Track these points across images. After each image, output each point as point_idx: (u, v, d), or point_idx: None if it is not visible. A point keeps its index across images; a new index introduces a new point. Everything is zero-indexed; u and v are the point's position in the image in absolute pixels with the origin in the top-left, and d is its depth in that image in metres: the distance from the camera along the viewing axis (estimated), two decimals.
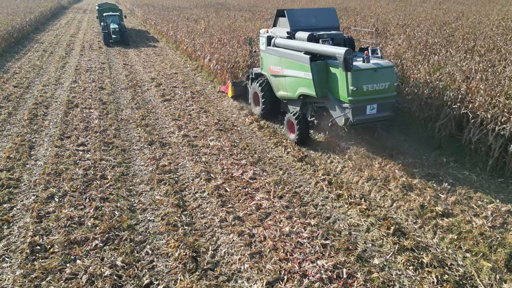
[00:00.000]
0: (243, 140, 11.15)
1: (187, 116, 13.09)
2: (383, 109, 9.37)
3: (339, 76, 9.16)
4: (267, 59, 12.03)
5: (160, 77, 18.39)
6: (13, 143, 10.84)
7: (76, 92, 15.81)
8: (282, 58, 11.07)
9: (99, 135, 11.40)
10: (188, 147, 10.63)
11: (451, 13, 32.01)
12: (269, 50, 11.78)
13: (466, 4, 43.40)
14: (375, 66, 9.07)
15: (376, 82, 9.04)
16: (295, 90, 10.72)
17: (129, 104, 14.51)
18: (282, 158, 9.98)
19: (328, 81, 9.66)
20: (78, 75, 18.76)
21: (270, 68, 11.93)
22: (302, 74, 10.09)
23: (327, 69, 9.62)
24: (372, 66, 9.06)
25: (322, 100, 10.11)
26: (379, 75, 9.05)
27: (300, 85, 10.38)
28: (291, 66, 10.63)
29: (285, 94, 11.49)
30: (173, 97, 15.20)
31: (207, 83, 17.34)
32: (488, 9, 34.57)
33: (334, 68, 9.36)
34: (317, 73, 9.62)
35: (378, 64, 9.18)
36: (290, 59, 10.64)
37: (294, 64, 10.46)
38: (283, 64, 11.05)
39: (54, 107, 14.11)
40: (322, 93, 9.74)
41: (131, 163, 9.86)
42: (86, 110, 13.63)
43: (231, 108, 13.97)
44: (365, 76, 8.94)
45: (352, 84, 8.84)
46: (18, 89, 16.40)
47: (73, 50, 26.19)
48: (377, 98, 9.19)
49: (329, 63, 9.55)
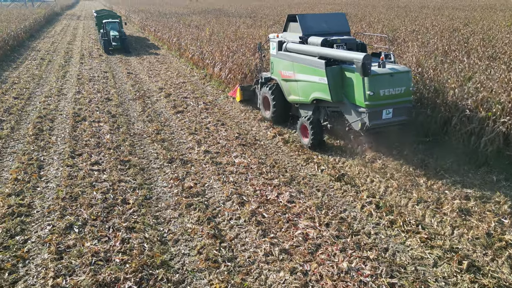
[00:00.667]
0: (270, 156, 10.34)
1: (204, 129, 12.26)
2: (399, 113, 9.31)
3: (355, 81, 9.12)
4: (278, 64, 11.94)
5: (168, 86, 17.55)
6: (20, 162, 9.92)
7: (82, 104, 14.90)
8: (294, 62, 10.99)
9: (113, 152, 10.52)
10: (212, 165, 9.80)
11: (456, 20, 31.66)
12: (281, 55, 11.68)
13: (467, 10, 43.25)
14: (391, 71, 9.03)
15: (393, 87, 8.99)
16: (308, 94, 10.65)
17: (140, 116, 13.65)
18: (316, 177, 9.19)
19: (344, 86, 9.60)
20: (81, 85, 17.85)
21: (281, 73, 11.86)
22: (316, 79, 10.04)
23: (342, 74, 9.57)
24: (389, 71, 9.01)
25: (337, 105, 9.98)
26: (395, 80, 9.02)
27: (314, 90, 10.32)
28: (305, 71, 10.56)
29: (297, 98, 11.39)
30: (186, 109, 14.37)
31: (219, 93, 16.54)
32: (492, 16, 34.32)
33: (349, 73, 9.32)
34: (333, 78, 9.56)
35: (394, 69, 9.15)
36: (303, 64, 10.58)
37: (307, 68, 10.39)
38: (296, 69, 10.98)
39: (60, 121, 13.20)
40: (338, 97, 9.66)
41: (153, 184, 9.00)
42: (95, 124, 12.73)
43: (250, 120, 13.18)
44: (382, 81, 8.89)
45: (369, 89, 8.78)
46: (19, 100, 15.45)
47: (72, 58, 25.25)
48: (393, 102, 9.12)
49: (344, 68, 9.50)
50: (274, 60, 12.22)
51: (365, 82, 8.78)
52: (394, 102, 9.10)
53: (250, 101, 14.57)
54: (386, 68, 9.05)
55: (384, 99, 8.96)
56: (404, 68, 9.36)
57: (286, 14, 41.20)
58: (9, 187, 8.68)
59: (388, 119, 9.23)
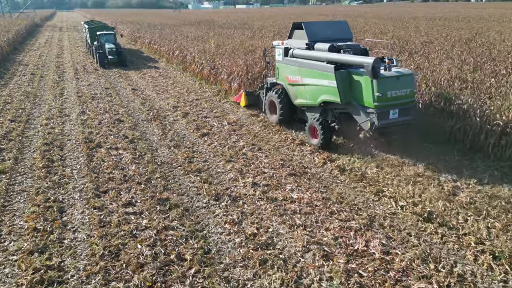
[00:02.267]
0: (330, 189, 8.91)
1: (241, 156, 10.75)
2: (404, 113, 9.93)
3: (364, 84, 9.66)
4: (284, 69, 12.38)
5: (182, 104, 15.97)
6: (35, 205, 8.18)
7: (91, 127, 13.18)
8: (302, 68, 11.46)
9: (145, 188, 8.90)
10: (267, 202, 8.30)
11: (462, 30, 31.24)
12: (287, 60, 12.14)
13: (461, 21, 43.27)
14: (397, 74, 9.65)
15: (399, 89, 9.61)
16: (317, 97, 11.09)
17: (162, 141, 12.03)
18: (398, 216, 7.79)
19: (352, 89, 10.10)
20: (83, 104, 16.09)
21: (287, 78, 12.30)
22: (325, 83, 10.49)
23: (350, 77, 10.10)
24: (395, 74, 9.63)
25: (345, 106, 10.40)
26: (401, 82, 9.64)
27: (323, 93, 10.76)
28: (313, 75, 11.04)
29: (304, 101, 11.84)
30: (211, 130, 12.83)
31: (240, 111, 15.06)
32: (494, 26, 34.17)
33: (357, 76, 9.88)
34: (341, 81, 10.07)
35: (399, 72, 9.78)
36: (311, 69, 11.05)
37: (315, 73, 10.88)
38: (303, 74, 11.47)
39: (70, 148, 11.46)
40: (347, 99, 10.15)
41: (206, 230, 7.42)
42: (113, 151, 11.06)
43: (287, 143, 11.73)
44: (389, 83, 9.49)
45: (377, 91, 9.35)
46: (17, 124, 13.59)
47: (65, 73, 23.38)
48: (399, 103, 9.73)
49: (352, 72, 10.05)
50: (280, 66, 12.65)
51: (374, 84, 9.35)
52: (400, 103, 9.74)
53: (255, 105, 14.99)
54: (392, 71, 9.68)
55: (391, 100, 9.57)
56: (408, 71, 10.08)
57: (278, 25, 40.19)
58: (29, 240, 6.98)
59: (395, 119, 9.85)
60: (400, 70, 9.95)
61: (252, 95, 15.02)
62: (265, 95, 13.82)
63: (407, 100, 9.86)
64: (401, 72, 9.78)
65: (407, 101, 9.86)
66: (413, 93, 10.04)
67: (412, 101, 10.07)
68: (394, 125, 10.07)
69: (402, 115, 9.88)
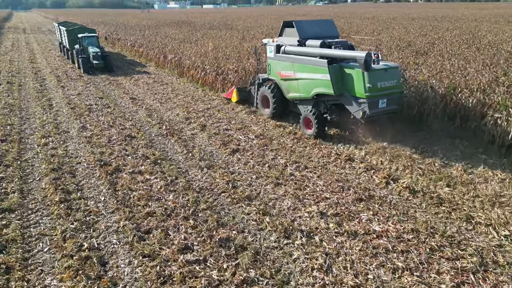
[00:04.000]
0: (412, 217, 7.72)
1: (288, 177, 9.41)
2: (391, 103, 10.86)
3: (355, 76, 10.48)
4: (276, 65, 13.02)
5: (194, 115, 14.41)
6: (66, 256, 6.54)
7: (100, 145, 11.43)
8: (294, 63, 12.13)
9: (196, 224, 7.41)
10: (349, 237, 7.03)
11: (453, 30, 31.21)
12: (279, 57, 12.79)
13: (449, 21, 43.68)
14: (385, 67, 10.60)
15: (387, 80, 10.50)
16: (310, 90, 11.77)
17: (190, 160, 10.50)
18: (507, 249, 6.72)
19: (344, 81, 10.87)
20: (80, 117, 14.21)
21: (280, 73, 12.93)
22: (319, 76, 11.21)
23: (342, 71, 10.88)
24: (383, 67, 10.58)
25: (338, 98, 11.14)
26: (388, 74, 10.56)
27: (316, 86, 11.45)
28: (306, 70, 11.72)
29: (297, 95, 12.51)
30: (239, 146, 11.40)
31: (261, 121, 13.69)
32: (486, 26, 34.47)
33: (349, 70, 10.70)
34: (334, 74, 10.83)
35: (387, 64, 10.82)
36: (304, 64, 11.74)
37: (309, 67, 11.57)
38: (296, 69, 12.11)
39: (84, 174, 9.73)
40: (339, 91, 10.91)
41: (293, 282, 6.05)
42: (138, 177, 9.44)
43: (332, 158, 10.47)
44: (379, 75, 10.36)
45: (369, 82, 10.17)
46: (9, 144, 11.62)
47: (46, 80, 21.14)
48: (387, 93, 10.62)
49: (343, 66, 10.86)
50: (272, 62, 13.26)
51: (365, 76, 10.17)
52: (388, 93, 10.63)
53: (246, 101, 15.47)
54: (380, 64, 10.60)
55: (380, 90, 10.44)
56: (395, 64, 11.25)
57: (262, 25, 38.99)
58: None
59: (384, 108, 10.72)
60: (387, 63, 11.09)
61: (243, 91, 15.44)
62: (257, 90, 14.38)
63: (394, 90, 10.78)
64: (388, 65, 10.85)
65: (394, 91, 10.79)
66: (399, 84, 11.02)
67: (399, 91, 10.98)
68: (383, 113, 10.98)
69: (389, 104, 10.81)
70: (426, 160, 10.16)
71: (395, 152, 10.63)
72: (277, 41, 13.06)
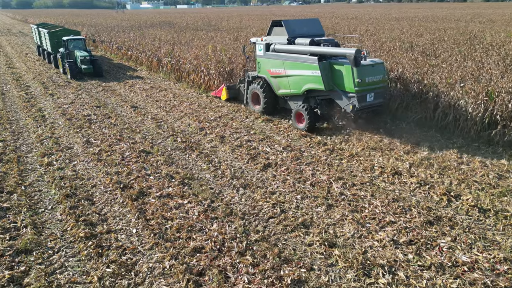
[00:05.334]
0: (494, 242, 6.91)
1: (339, 197, 8.43)
2: (378, 96, 11.51)
3: (345, 72, 11.04)
4: (266, 63, 13.39)
5: (207, 125, 13.22)
6: None
7: (113, 164, 10.14)
8: (284, 60, 12.55)
9: (256, 261, 6.33)
10: (433, 271, 6.12)
11: (448, 30, 31.11)
12: (269, 55, 13.19)
13: (430, 22, 43.86)
14: (372, 63, 11.17)
15: (374, 75, 11.11)
16: (301, 86, 12.28)
17: (219, 179, 9.36)
18: None
19: (333, 77, 11.44)
20: (81, 130, 12.81)
21: (269, 71, 13.33)
22: (309, 73, 11.73)
23: (331, 67, 11.43)
24: (370, 62, 11.14)
25: (328, 93, 11.72)
26: (375, 69, 11.16)
27: (307, 82, 11.99)
28: (296, 67, 12.20)
29: (287, 91, 12.96)
30: (269, 160, 10.34)
31: (282, 131, 12.67)
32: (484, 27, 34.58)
33: (338, 66, 11.24)
34: (324, 70, 11.36)
35: (373, 61, 11.36)
36: (294, 61, 12.22)
37: (299, 64, 12.07)
38: (286, 66, 12.56)
39: (104, 200, 8.45)
40: (329, 86, 11.48)
41: None
42: (169, 201, 8.25)
43: (377, 173, 9.55)
44: (366, 70, 10.94)
45: (357, 77, 10.75)
46: (6, 165, 10.17)
47: (30, 87, 19.43)
48: (374, 88, 11.25)
49: (332, 62, 11.41)
50: (261, 61, 13.60)
51: (354, 71, 10.76)
52: (374, 88, 11.26)
53: (235, 99, 15.89)
54: (367, 61, 11.19)
55: (368, 85, 11.04)
56: (380, 60, 11.77)
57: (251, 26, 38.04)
58: None
59: (371, 101, 11.33)
60: (373, 59, 11.62)
61: (233, 89, 15.79)
62: (246, 88, 14.73)
63: (380, 85, 11.42)
64: (375, 61, 11.42)
65: (380, 86, 11.44)
66: (385, 79, 11.65)
67: (384, 86, 11.68)
68: (371, 107, 11.51)
69: (376, 98, 11.41)
70: (478, 171, 9.41)
71: (441, 163, 9.85)
72: (266, 39, 13.43)
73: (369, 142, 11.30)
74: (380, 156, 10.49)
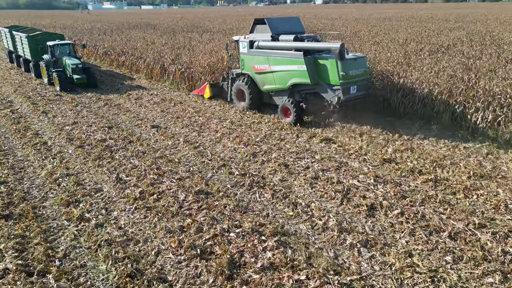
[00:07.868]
0: None
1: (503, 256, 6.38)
2: (360, 89, 12.11)
3: (329, 66, 11.58)
4: (250, 60, 13.60)
5: (258, 150, 10.84)
6: None
7: (168, 214, 7.60)
8: (269, 57, 12.85)
9: None
10: None
11: (457, 30, 30.14)
12: (252, 52, 13.43)
13: (422, 22, 43.15)
14: (354, 57, 11.86)
15: (356, 68, 11.72)
16: (286, 81, 12.61)
17: (322, 233, 7.06)
18: None
19: (318, 71, 11.88)
20: (102, 161, 10.13)
21: (254, 67, 13.54)
22: (295, 67, 12.10)
23: (316, 61, 11.90)
24: (353, 56, 11.82)
25: (313, 87, 12.11)
26: (357, 63, 11.78)
27: (292, 77, 12.36)
28: (282, 62, 12.51)
29: (273, 87, 13.23)
30: (368, 198, 8.14)
31: (353, 155, 10.50)
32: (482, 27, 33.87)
33: (323, 60, 11.76)
34: (309, 65, 11.82)
35: (355, 55, 12.13)
36: (279, 57, 12.53)
37: (284, 60, 12.40)
38: (271, 62, 12.84)
39: (183, 278, 5.95)
40: (315, 80, 11.90)
41: None
42: (274, 275, 5.88)
43: (456, 213, 7.61)
44: (350, 64, 11.52)
45: (342, 70, 11.30)
46: (21, 223, 7.41)
47: (14, 103, 16.40)
48: (357, 80, 11.84)
49: (317, 57, 11.89)
50: (245, 58, 13.78)
51: (339, 65, 11.25)
52: (357, 80, 11.82)
53: (218, 96, 15.86)
54: (350, 55, 11.86)
55: (352, 78, 11.58)
56: (362, 54, 12.58)
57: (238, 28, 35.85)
58: None
59: (354, 94, 11.88)
60: (355, 54, 12.40)
61: (216, 87, 15.82)
62: (230, 85, 14.85)
63: (362, 78, 12.04)
64: (357, 55, 12.14)
65: (362, 78, 12.05)
66: (367, 72, 12.27)
67: (366, 79, 12.29)
68: (354, 99, 12.04)
69: (359, 90, 12.02)
70: None
71: None
72: (249, 37, 13.68)
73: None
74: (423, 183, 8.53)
